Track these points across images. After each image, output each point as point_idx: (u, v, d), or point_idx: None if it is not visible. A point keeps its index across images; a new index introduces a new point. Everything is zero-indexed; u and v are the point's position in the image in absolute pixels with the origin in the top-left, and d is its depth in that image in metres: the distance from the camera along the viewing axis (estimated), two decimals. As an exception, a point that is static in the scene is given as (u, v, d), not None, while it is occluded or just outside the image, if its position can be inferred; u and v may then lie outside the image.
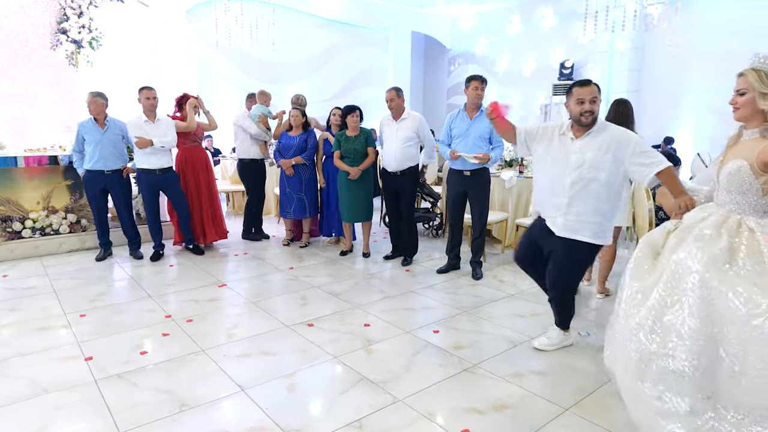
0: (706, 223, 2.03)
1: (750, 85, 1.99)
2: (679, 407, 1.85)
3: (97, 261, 4.86)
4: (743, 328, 1.73)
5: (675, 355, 1.87)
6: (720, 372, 1.80)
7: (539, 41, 10.93)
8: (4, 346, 3.06)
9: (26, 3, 6.68)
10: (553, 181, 2.83)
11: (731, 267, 1.86)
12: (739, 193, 2.01)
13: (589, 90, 2.68)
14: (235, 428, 2.28)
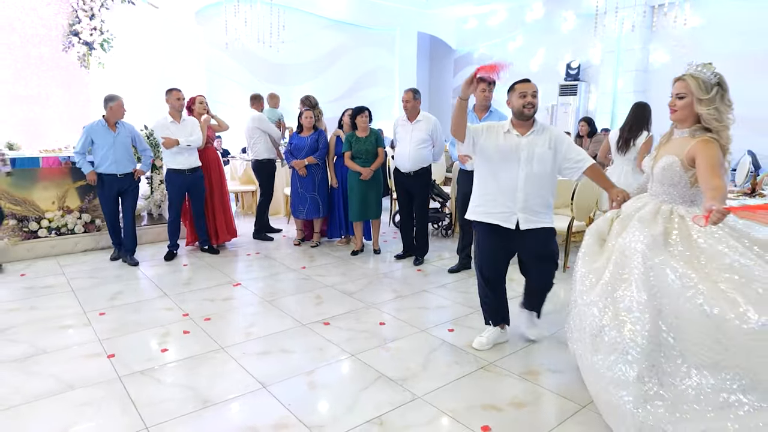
0: (643, 212, 2.31)
1: (689, 90, 2.23)
2: (628, 375, 2.05)
3: (111, 260, 4.91)
4: (678, 300, 1.98)
5: (624, 326, 2.10)
6: (659, 341, 2.03)
7: (545, 41, 10.96)
8: (28, 343, 3.12)
9: (39, 5, 6.74)
10: (505, 178, 2.91)
11: (665, 247, 2.13)
12: (671, 185, 2.30)
13: (530, 85, 2.86)
14: (260, 424, 2.33)
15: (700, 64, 2.24)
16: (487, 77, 2.90)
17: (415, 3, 11.33)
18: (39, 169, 5.07)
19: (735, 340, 1.87)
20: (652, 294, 2.06)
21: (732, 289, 1.92)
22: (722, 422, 1.87)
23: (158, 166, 5.95)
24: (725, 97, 2.23)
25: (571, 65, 10.24)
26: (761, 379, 1.87)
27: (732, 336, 1.87)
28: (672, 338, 2.01)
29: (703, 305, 1.92)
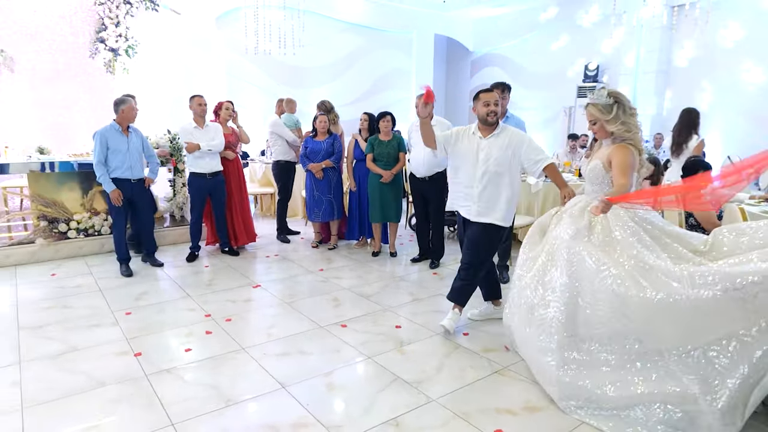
0: (574, 208, 2.74)
1: (595, 117, 2.71)
2: (551, 344, 2.54)
3: (124, 276, 4.62)
4: (593, 280, 2.42)
5: (549, 305, 2.58)
6: (578, 316, 2.48)
7: (563, 42, 10.90)
8: (60, 341, 3.27)
9: (68, 13, 6.98)
10: (467, 174, 3.31)
11: (589, 238, 2.56)
12: (596, 185, 2.76)
13: (492, 95, 3.21)
14: (280, 423, 2.42)
15: (594, 91, 2.70)
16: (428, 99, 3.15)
17: (432, 5, 11.38)
18: (68, 172, 5.26)
19: (637, 313, 2.30)
20: (573, 277, 2.50)
21: (637, 273, 2.34)
22: (625, 375, 2.37)
23: (181, 169, 6.11)
24: (626, 108, 2.66)
25: (589, 66, 10.19)
26: (655, 342, 2.31)
27: (634, 309, 2.30)
28: (588, 312, 2.45)
29: (612, 285, 2.36)
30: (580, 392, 2.46)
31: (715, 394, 2.16)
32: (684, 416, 2.25)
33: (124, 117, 4.51)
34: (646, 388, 2.31)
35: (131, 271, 4.69)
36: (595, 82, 10.11)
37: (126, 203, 4.62)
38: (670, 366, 2.28)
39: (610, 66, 10.15)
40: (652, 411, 2.32)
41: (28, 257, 4.99)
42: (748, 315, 2.11)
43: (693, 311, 2.18)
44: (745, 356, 2.12)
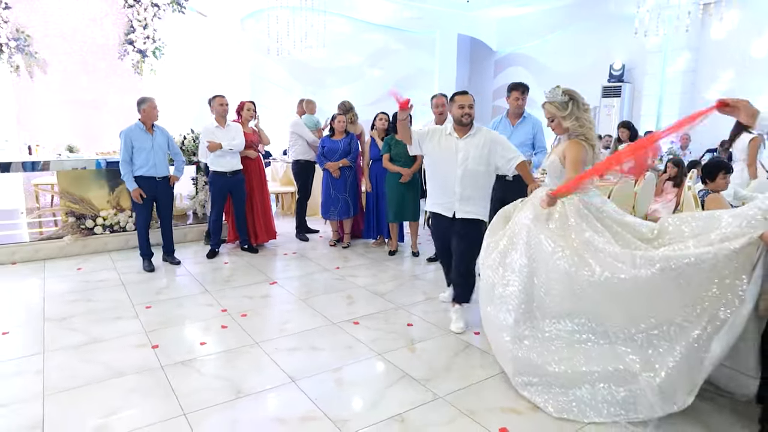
0: (536, 198, 2.90)
1: (553, 114, 2.87)
2: (508, 320, 2.71)
3: (147, 271, 4.75)
4: (548, 262, 2.60)
5: (509, 284, 2.75)
6: (534, 294, 2.67)
7: (588, 42, 10.74)
8: (83, 332, 3.40)
9: (98, 16, 7.21)
10: (446, 174, 3.44)
11: (548, 224, 2.73)
12: (555, 177, 2.93)
13: (467, 98, 3.37)
14: (288, 416, 2.47)
15: (550, 90, 2.86)
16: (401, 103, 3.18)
17: (455, 5, 11.34)
18: (95, 170, 5.45)
19: (586, 291, 2.49)
20: (531, 258, 2.69)
21: (587, 255, 2.53)
22: (574, 353, 2.54)
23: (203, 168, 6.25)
24: (580, 105, 2.84)
25: (614, 66, 10.00)
26: (601, 321, 2.51)
27: (584, 288, 2.48)
28: (543, 292, 2.64)
29: (564, 265, 2.54)
30: (531, 368, 2.62)
31: (655, 372, 2.33)
32: (628, 395, 2.40)
33: (146, 116, 4.64)
34: (592, 366, 2.49)
35: (153, 267, 4.83)
36: (620, 82, 9.93)
37: (151, 200, 4.75)
38: (615, 346, 2.47)
39: (636, 65, 9.96)
40: (597, 390, 2.47)
41: (57, 251, 5.18)
42: (685, 299, 2.28)
43: (635, 291, 2.36)
44: (683, 339, 2.28)
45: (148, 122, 4.68)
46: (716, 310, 2.22)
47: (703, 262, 2.22)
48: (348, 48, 10.75)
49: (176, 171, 4.98)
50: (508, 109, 4.40)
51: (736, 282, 2.20)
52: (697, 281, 2.24)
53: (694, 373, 2.27)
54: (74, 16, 7.04)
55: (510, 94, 4.37)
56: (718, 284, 2.22)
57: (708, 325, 2.23)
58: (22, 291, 4.23)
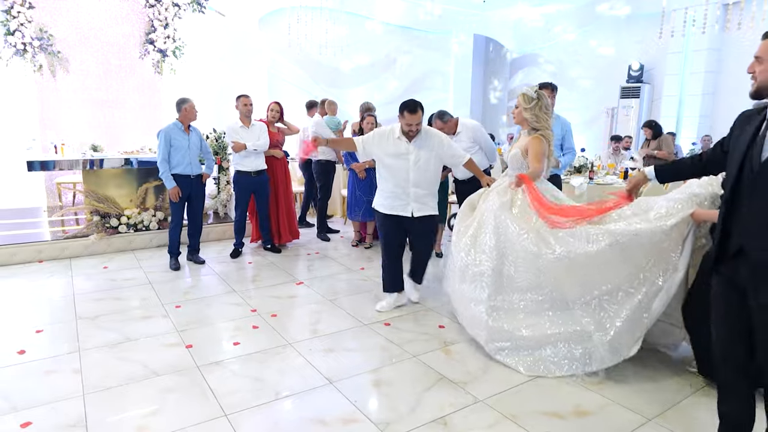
0: (500, 187, 3.33)
1: (520, 103, 3.27)
2: (482, 295, 3.08)
3: (173, 270, 4.80)
4: (515, 242, 3.00)
5: (481, 263, 3.11)
6: (503, 271, 3.05)
7: (606, 42, 10.65)
8: (115, 331, 3.40)
9: (120, 16, 7.24)
10: (399, 176, 3.62)
11: (512, 209, 3.15)
12: (516, 169, 3.32)
13: (416, 116, 3.49)
14: (329, 418, 2.45)
15: (528, 87, 3.32)
16: None
17: (471, 5, 11.30)
18: (120, 169, 5.47)
19: (548, 267, 2.88)
20: (500, 240, 3.06)
21: (548, 235, 2.93)
22: (539, 319, 2.96)
23: (225, 167, 6.26)
24: (542, 106, 3.24)
25: (633, 67, 9.91)
26: (565, 292, 2.89)
27: (546, 264, 2.88)
28: (512, 269, 3.02)
29: (529, 245, 2.94)
30: (503, 334, 3.01)
31: (605, 331, 2.79)
32: (584, 352, 2.86)
33: (186, 116, 4.73)
34: (555, 329, 2.91)
35: (179, 265, 4.86)
36: (639, 83, 9.84)
37: (185, 198, 4.84)
38: (574, 312, 2.89)
39: (655, 66, 9.86)
40: (558, 349, 2.91)
41: (82, 250, 5.21)
42: (630, 269, 2.73)
43: (589, 264, 2.78)
44: (629, 303, 2.74)
45: (186, 122, 4.77)
46: (655, 278, 2.71)
47: (644, 237, 2.68)
48: (364, 48, 10.74)
49: (207, 169, 5.03)
50: None
51: (671, 254, 2.70)
52: (640, 253, 2.70)
53: (636, 330, 2.76)
54: (96, 15, 7.08)
55: None
56: (657, 256, 2.71)
57: (648, 290, 2.71)
58: (51, 289, 4.24)
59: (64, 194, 6.93)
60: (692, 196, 2.75)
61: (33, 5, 6.57)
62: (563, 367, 2.88)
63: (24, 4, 6.50)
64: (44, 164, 5.31)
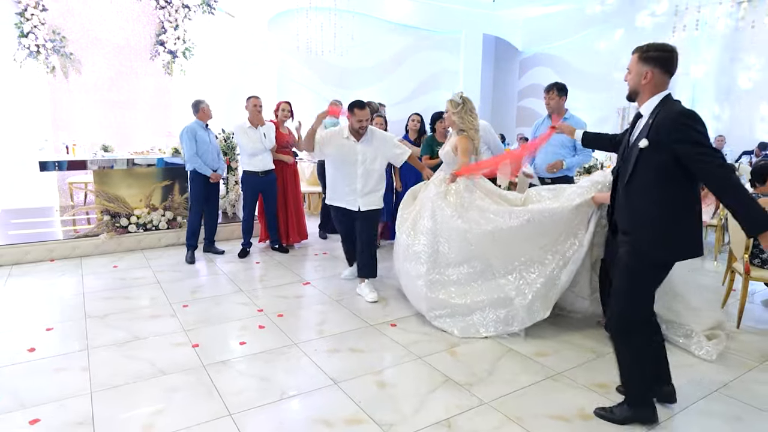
0: (436, 179, 3.80)
1: (448, 108, 3.72)
2: (421, 270, 3.55)
3: (188, 263, 5.02)
4: (449, 222, 3.49)
5: (419, 243, 3.60)
6: (439, 249, 3.53)
7: (617, 42, 10.55)
8: (124, 330, 3.43)
9: (131, 18, 7.32)
10: (348, 173, 3.96)
11: (446, 197, 3.61)
12: (448, 164, 3.77)
13: (365, 113, 3.84)
14: (333, 418, 2.45)
15: (454, 93, 3.74)
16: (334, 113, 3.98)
17: (481, 5, 11.25)
18: (129, 169, 5.52)
19: (476, 242, 3.40)
20: (435, 222, 3.55)
21: (477, 216, 3.46)
22: (470, 289, 3.45)
23: (234, 167, 6.30)
24: (467, 109, 3.68)
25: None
26: (491, 263, 3.41)
27: (473, 239, 3.40)
28: (447, 247, 3.51)
29: (460, 224, 3.45)
30: (440, 303, 3.47)
31: (524, 296, 3.30)
32: (507, 315, 3.35)
33: (204, 115, 5.03)
34: (482, 297, 3.40)
35: (194, 259, 5.07)
36: (650, 82, 9.73)
37: (206, 194, 5.12)
38: (498, 280, 3.40)
39: (668, 65, 9.74)
40: (486, 313, 3.39)
41: (93, 249, 5.27)
42: (545, 242, 3.28)
43: (511, 238, 3.32)
44: (543, 271, 3.30)
45: (204, 121, 5.05)
46: (565, 251, 3.27)
47: (556, 215, 3.22)
48: (373, 48, 10.73)
49: (219, 170, 5.19)
50: (549, 113, 4.36)
51: (578, 231, 3.26)
52: (552, 229, 3.26)
53: (550, 295, 3.30)
54: (108, 17, 7.15)
55: (546, 95, 4.31)
56: (566, 232, 3.26)
57: (560, 261, 3.26)
58: (62, 287, 4.30)
59: (75, 194, 7.01)
60: (595, 183, 3.27)
61: (46, 8, 6.66)
62: (489, 328, 3.36)
63: (37, 6, 6.59)
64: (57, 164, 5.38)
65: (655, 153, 2.14)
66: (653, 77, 2.21)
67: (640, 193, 2.21)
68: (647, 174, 2.18)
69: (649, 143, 2.15)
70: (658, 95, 2.22)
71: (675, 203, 2.17)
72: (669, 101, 2.20)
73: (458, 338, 3.37)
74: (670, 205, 2.17)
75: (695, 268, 5.14)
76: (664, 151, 2.12)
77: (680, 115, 2.10)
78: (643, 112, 2.26)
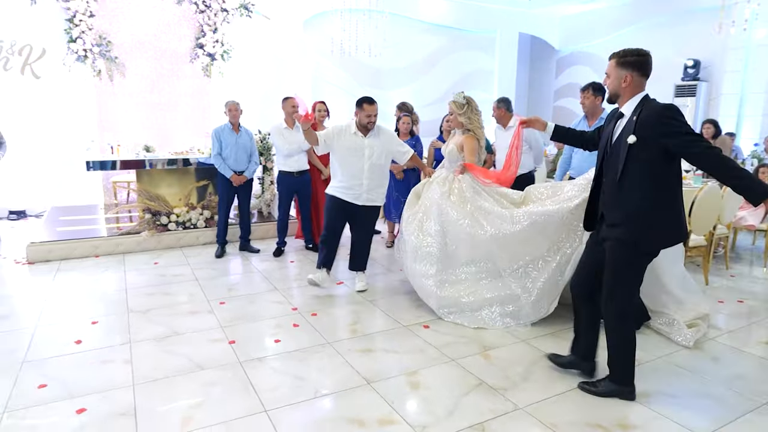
0: (439, 178, 3.93)
1: (453, 110, 3.88)
2: (431, 271, 3.71)
3: (216, 258, 5.22)
4: (455, 225, 3.64)
5: (429, 244, 3.74)
6: (447, 250, 3.69)
7: (659, 39, 10.20)
8: (164, 325, 3.54)
9: (173, 22, 7.54)
10: (354, 167, 3.99)
11: (450, 197, 3.76)
12: (452, 162, 3.91)
13: (374, 108, 3.94)
14: (366, 418, 2.46)
15: (456, 94, 3.92)
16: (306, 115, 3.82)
17: (517, 3, 11.08)
18: (169, 169, 5.69)
19: (482, 244, 3.56)
20: (442, 225, 3.69)
21: (480, 218, 3.60)
22: (478, 287, 3.63)
23: (269, 167, 6.41)
24: (473, 109, 3.86)
25: (689, 64, 9.44)
26: (497, 264, 3.57)
27: (479, 242, 3.57)
28: (454, 248, 3.68)
29: (466, 228, 3.60)
30: (449, 301, 3.64)
31: (530, 292, 3.48)
32: (513, 310, 3.54)
33: (230, 116, 5.15)
34: (490, 294, 3.58)
35: (222, 254, 5.28)
36: (695, 81, 9.38)
37: (233, 193, 5.26)
38: (505, 279, 3.55)
39: (713, 63, 9.37)
40: (493, 309, 3.58)
41: (135, 246, 5.45)
42: (546, 242, 3.42)
43: (514, 240, 3.46)
44: (547, 269, 3.45)
45: (232, 121, 5.16)
46: (565, 248, 3.41)
47: (555, 216, 3.34)
48: (407, 49, 10.71)
49: (247, 172, 5.24)
50: (585, 113, 4.27)
51: (577, 229, 3.35)
52: (552, 229, 3.38)
53: (553, 291, 3.47)
54: (151, 22, 7.39)
55: (582, 94, 4.23)
56: (566, 230, 3.39)
57: (561, 258, 3.41)
58: (106, 283, 4.47)
59: (119, 192, 7.27)
60: (589, 182, 3.15)
61: (94, 14, 6.93)
62: (497, 322, 3.53)
63: (86, 12, 6.87)
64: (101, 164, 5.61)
65: (642, 147, 2.32)
66: (632, 80, 2.44)
67: (631, 186, 2.37)
68: (637, 168, 2.35)
69: (636, 139, 2.32)
70: (637, 96, 2.44)
71: (662, 194, 2.37)
72: (648, 100, 2.42)
73: (492, 342, 3.33)
74: (658, 197, 2.36)
75: (741, 273, 4.93)
76: (651, 146, 2.31)
77: (664, 109, 2.32)
78: (625, 112, 2.46)
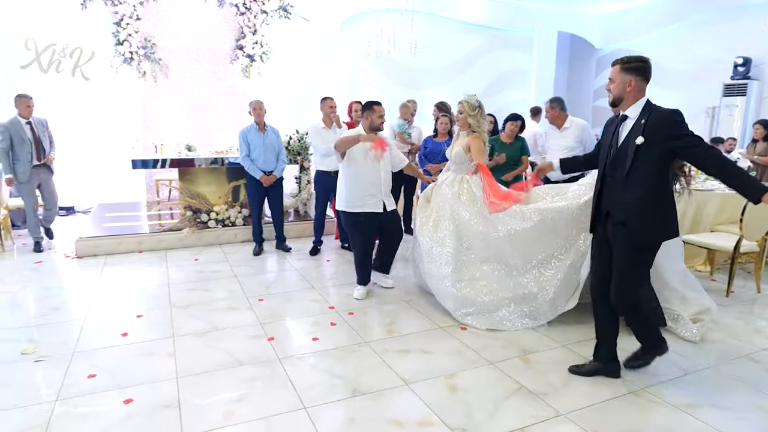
0: (447, 180, 3.96)
1: (465, 110, 3.84)
2: (447, 271, 3.69)
3: (254, 255, 5.32)
4: (468, 226, 3.68)
5: (444, 245, 3.75)
6: (461, 251, 3.71)
7: (706, 36, 9.81)
8: (205, 321, 3.62)
9: (214, 24, 7.72)
10: (372, 176, 4.00)
11: (460, 198, 3.79)
12: (458, 164, 3.93)
13: (382, 108, 4.00)
14: (405, 419, 2.45)
15: (469, 95, 3.89)
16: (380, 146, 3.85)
17: (556, 2, 10.87)
18: (210, 168, 5.82)
19: (493, 243, 3.59)
20: (456, 225, 3.74)
21: (491, 218, 3.59)
22: (495, 287, 3.61)
23: (306, 167, 6.47)
24: (482, 113, 3.86)
25: (738, 62, 9.04)
26: (508, 262, 3.59)
27: (491, 241, 3.59)
28: (467, 248, 3.71)
29: (478, 227, 3.64)
30: (466, 301, 3.61)
31: (546, 291, 3.48)
32: (530, 310, 3.53)
33: (254, 115, 5.20)
34: (507, 294, 3.56)
35: (259, 252, 5.36)
36: (745, 79, 8.98)
37: (263, 193, 5.30)
38: (520, 278, 3.56)
39: (765, 61, 8.94)
40: (511, 309, 3.55)
41: (176, 242, 5.60)
42: (558, 239, 3.44)
43: (526, 237, 3.47)
44: (562, 267, 3.46)
45: (258, 121, 5.20)
46: (579, 244, 3.43)
47: (565, 212, 3.37)
48: (444, 48, 10.65)
49: (276, 171, 5.31)
50: None
51: (586, 225, 3.10)
52: (563, 226, 3.40)
53: (570, 288, 3.48)
54: (194, 25, 7.59)
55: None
56: (576, 227, 3.40)
57: (575, 254, 3.43)
58: (149, 278, 4.60)
59: (161, 190, 7.49)
60: (593, 183, 3.17)
61: (140, 17, 7.17)
62: (515, 323, 3.51)
63: (132, 16, 7.11)
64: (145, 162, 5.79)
65: (649, 149, 2.45)
66: (636, 84, 2.53)
67: (639, 184, 2.51)
68: (644, 167, 2.49)
69: (644, 140, 2.45)
70: (641, 100, 2.56)
71: (665, 192, 2.55)
72: (652, 104, 2.55)
73: (530, 345, 3.27)
74: (661, 194, 2.54)
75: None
76: (657, 147, 2.45)
77: (672, 113, 2.45)
78: (629, 115, 2.57)
